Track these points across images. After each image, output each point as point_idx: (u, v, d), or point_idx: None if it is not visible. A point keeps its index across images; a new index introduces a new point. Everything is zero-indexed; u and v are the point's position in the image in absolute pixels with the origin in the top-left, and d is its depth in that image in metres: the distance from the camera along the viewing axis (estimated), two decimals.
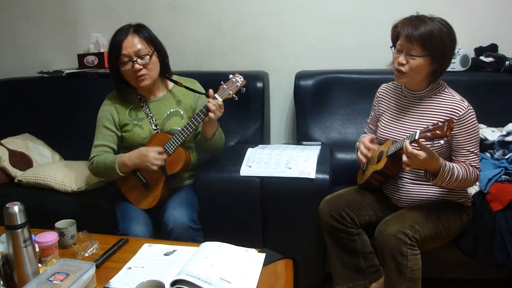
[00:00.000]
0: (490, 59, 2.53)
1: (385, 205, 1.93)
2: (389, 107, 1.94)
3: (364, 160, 1.93)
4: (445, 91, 1.80)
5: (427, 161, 1.60)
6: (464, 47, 2.53)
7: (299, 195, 2.03)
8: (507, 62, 2.48)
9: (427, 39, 1.66)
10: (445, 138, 1.52)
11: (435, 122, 1.56)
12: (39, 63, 3.05)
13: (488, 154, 2.19)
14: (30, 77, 2.94)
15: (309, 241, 2.08)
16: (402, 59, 1.72)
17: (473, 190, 1.96)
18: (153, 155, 1.89)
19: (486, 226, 1.85)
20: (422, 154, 1.57)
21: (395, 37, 1.79)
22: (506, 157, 2.11)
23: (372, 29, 2.70)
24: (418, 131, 1.59)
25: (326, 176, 2.02)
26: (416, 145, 1.59)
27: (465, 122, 1.70)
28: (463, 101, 1.74)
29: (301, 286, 1.56)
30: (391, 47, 1.81)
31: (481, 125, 2.28)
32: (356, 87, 2.61)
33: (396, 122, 1.88)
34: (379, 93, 2.01)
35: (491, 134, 2.23)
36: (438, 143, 1.55)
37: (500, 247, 1.81)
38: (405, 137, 1.68)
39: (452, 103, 1.74)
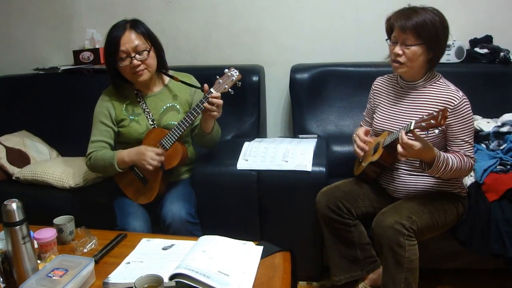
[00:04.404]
0: (485, 51, 2.54)
1: (381, 196, 1.94)
2: (385, 99, 1.94)
3: (361, 153, 1.94)
4: (440, 82, 1.81)
5: (422, 151, 1.61)
6: (459, 38, 2.53)
7: (296, 188, 2.04)
8: (501, 54, 2.49)
9: (420, 28, 1.68)
10: (439, 128, 1.53)
11: (430, 112, 1.57)
12: (34, 60, 3.04)
13: (483, 145, 2.20)
14: (26, 74, 2.93)
15: (307, 233, 2.09)
16: (398, 49, 1.74)
17: (468, 180, 1.98)
18: (150, 155, 1.88)
19: (481, 217, 1.86)
20: (417, 144, 1.58)
21: (389, 30, 1.82)
22: (501, 147, 2.12)
23: (368, 22, 2.70)
24: (413, 122, 1.60)
25: (323, 169, 2.03)
26: (411, 135, 1.60)
27: (460, 111, 1.71)
28: (458, 91, 1.75)
29: (299, 278, 1.57)
30: (386, 40, 1.84)
31: (477, 116, 2.30)
32: (352, 80, 2.61)
33: (391, 113, 1.89)
34: (375, 85, 2.02)
35: (486, 125, 2.24)
36: (432, 132, 1.55)
37: (495, 237, 1.83)
38: (401, 127, 1.69)
39: (447, 93, 1.75)
